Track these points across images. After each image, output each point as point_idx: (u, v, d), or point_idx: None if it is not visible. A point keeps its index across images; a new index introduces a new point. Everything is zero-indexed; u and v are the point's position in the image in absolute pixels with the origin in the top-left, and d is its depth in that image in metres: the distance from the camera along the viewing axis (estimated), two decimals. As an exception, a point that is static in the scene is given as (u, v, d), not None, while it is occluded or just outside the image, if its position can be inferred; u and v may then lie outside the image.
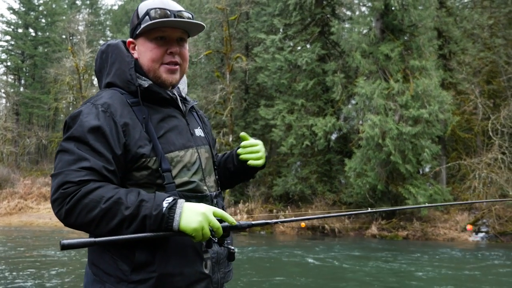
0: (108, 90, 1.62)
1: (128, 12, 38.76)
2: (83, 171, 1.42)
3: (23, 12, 39.02)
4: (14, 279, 8.71)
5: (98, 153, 1.46)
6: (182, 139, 1.64)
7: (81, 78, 31.43)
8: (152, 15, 1.60)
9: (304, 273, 10.00)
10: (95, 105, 1.54)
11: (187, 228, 1.38)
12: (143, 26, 1.61)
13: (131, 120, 1.54)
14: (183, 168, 1.60)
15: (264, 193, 21.81)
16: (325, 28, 21.84)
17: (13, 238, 16.76)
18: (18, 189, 27.98)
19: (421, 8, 18.22)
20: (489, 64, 20.07)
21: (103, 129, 1.48)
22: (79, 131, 1.48)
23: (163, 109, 1.66)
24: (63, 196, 1.40)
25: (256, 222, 1.58)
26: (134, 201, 1.39)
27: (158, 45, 1.63)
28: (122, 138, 1.51)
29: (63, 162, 1.45)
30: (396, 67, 17.81)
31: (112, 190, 1.41)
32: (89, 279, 1.56)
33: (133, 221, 1.38)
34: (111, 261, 1.50)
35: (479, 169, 17.63)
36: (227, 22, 23.41)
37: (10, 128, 35.02)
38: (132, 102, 1.59)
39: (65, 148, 1.47)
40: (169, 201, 1.40)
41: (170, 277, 1.49)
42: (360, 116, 19.53)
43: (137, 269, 1.47)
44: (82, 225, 1.41)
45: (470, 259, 12.44)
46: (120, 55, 1.66)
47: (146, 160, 1.53)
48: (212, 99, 22.92)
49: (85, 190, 1.39)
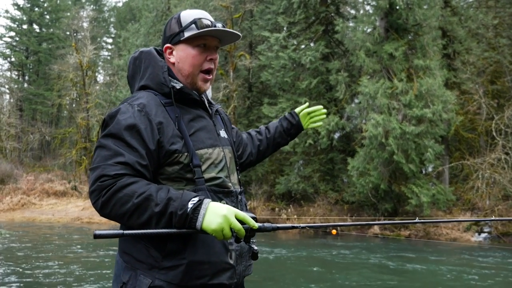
0: (143, 92, 1.76)
1: (132, 9, 38.75)
2: (119, 165, 1.55)
3: (28, 8, 39.12)
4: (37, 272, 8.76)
5: (132, 149, 1.59)
6: (210, 139, 1.79)
7: (85, 75, 31.48)
8: (199, 24, 1.77)
9: (305, 272, 10.01)
10: (131, 105, 1.67)
11: (208, 229, 1.50)
12: (191, 34, 1.76)
13: (165, 119, 1.68)
14: (211, 165, 1.73)
15: (266, 192, 21.82)
16: (329, 26, 21.81)
17: (33, 234, 16.82)
18: (21, 185, 28.08)
19: (426, 7, 18.17)
20: (494, 64, 20.01)
21: (138, 126, 1.61)
22: (116, 129, 1.61)
23: (193, 110, 1.80)
24: (100, 189, 1.53)
25: (282, 225, 1.64)
26: (163, 199, 1.51)
27: (200, 52, 1.79)
28: (156, 135, 1.64)
29: (101, 157, 1.58)
30: (400, 66, 17.77)
31: (144, 186, 1.54)
32: (120, 267, 1.68)
33: (161, 217, 1.51)
34: (143, 249, 1.62)
35: (482, 169, 17.59)
36: (231, 20, 23.39)
37: (13, 124, 35.14)
38: (166, 103, 1.74)
39: (103, 144, 1.61)
40: (194, 201, 1.52)
41: (198, 265, 1.61)
42: (363, 115, 19.50)
43: (169, 256, 1.60)
44: (116, 217, 1.55)
45: (472, 259, 12.42)
46: (154, 60, 1.80)
47: (179, 155, 1.66)
48: (215, 97, 22.91)
49: (120, 184, 1.52)
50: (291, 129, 2.30)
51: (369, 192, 17.55)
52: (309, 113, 2.32)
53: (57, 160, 32.15)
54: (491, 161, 17.59)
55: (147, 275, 1.60)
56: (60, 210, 24.96)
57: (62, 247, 12.99)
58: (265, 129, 2.30)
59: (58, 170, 31.21)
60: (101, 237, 1.45)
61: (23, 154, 35.58)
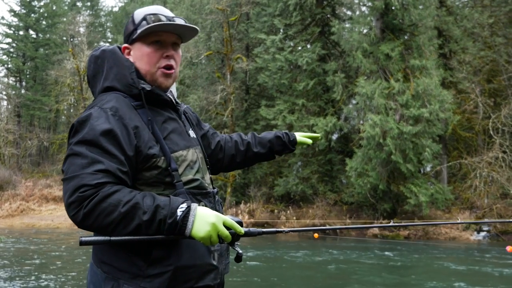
0: (111, 94, 1.66)
1: (128, 13, 38.75)
2: (99, 173, 1.46)
3: (24, 14, 39.07)
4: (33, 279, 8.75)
5: (111, 155, 1.50)
6: (183, 140, 1.73)
7: (82, 80, 31.46)
8: (149, 20, 1.67)
9: (306, 273, 10.02)
10: (103, 109, 1.57)
11: (196, 236, 1.47)
12: (141, 30, 1.67)
13: (139, 123, 1.60)
14: (187, 167, 1.68)
15: (265, 194, 21.82)
16: (326, 28, 21.86)
17: (31, 240, 16.80)
18: (20, 191, 28.02)
19: (421, 7, 18.24)
20: (490, 63, 20.08)
21: (115, 131, 1.52)
22: (91, 135, 1.51)
23: (164, 112, 1.73)
24: (80, 200, 1.43)
25: (267, 230, 1.64)
26: (150, 206, 1.46)
27: (154, 49, 1.70)
28: (133, 140, 1.56)
29: (75, 165, 1.47)
30: (397, 66, 17.83)
31: (129, 194, 1.46)
32: (100, 278, 1.60)
33: (149, 225, 1.45)
34: (126, 258, 1.56)
35: (480, 168, 17.64)
36: (228, 23, 23.43)
37: (11, 130, 35.07)
38: (136, 105, 1.65)
39: (77, 151, 1.50)
40: (183, 208, 1.48)
41: (184, 270, 1.58)
42: (360, 116, 19.56)
43: (154, 264, 1.55)
44: (99, 228, 1.46)
45: (471, 258, 12.44)
46: (119, 59, 1.70)
47: (156, 160, 1.59)
48: (213, 99, 22.95)
49: (103, 194, 1.43)
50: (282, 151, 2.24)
51: (368, 192, 17.58)
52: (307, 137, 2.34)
53: (56, 166, 32.09)
54: (489, 159, 17.64)
55: (131, 285, 1.54)
56: (60, 215, 24.91)
57: (61, 253, 12.98)
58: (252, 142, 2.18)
59: (57, 176, 31.13)
60: (87, 244, 1.41)
61: (22, 160, 35.50)
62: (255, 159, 2.21)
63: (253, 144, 2.18)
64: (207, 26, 24.20)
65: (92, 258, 1.67)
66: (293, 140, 2.25)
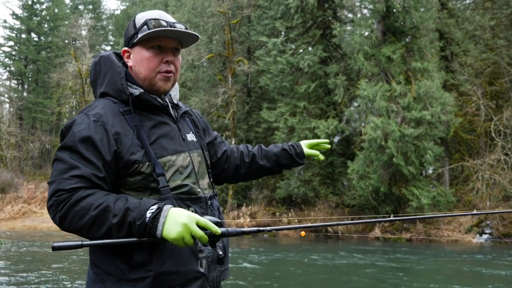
0: (101, 100, 1.71)
1: (130, 16, 38.86)
2: (74, 179, 1.51)
3: (26, 18, 39.22)
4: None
5: (88, 161, 1.54)
6: (174, 145, 1.72)
7: (84, 83, 31.53)
8: (150, 25, 1.68)
9: (306, 277, 10.00)
10: (87, 115, 1.62)
11: (168, 237, 1.46)
12: (142, 35, 1.68)
13: (122, 129, 1.63)
14: (176, 172, 1.67)
15: (267, 196, 21.81)
16: (327, 30, 21.88)
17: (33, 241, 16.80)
18: (21, 194, 28.07)
19: (423, 10, 18.23)
20: (491, 65, 20.04)
21: (93, 138, 1.57)
22: (71, 141, 1.57)
23: (155, 116, 1.73)
24: (56, 203, 1.50)
25: (247, 229, 1.59)
26: (121, 209, 1.47)
27: (154, 54, 1.71)
28: (113, 145, 1.59)
29: (57, 170, 1.55)
30: (398, 69, 17.82)
31: (101, 197, 1.50)
32: (90, 279, 1.64)
33: (120, 228, 1.47)
34: (111, 261, 1.58)
35: (482, 171, 17.60)
36: (229, 26, 23.47)
37: (13, 133, 35.16)
38: (124, 111, 1.67)
39: (59, 157, 1.58)
40: (153, 210, 1.47)
41: (166, 276, 1.56)
42: (362, 119, 19.54)
43: (135, 268, 1.55)
44: (75, 231, 1.52)
45: (474, 260, 12.40)
46: (112, 66, 1.74)
47: (139, 165, 1.60)
48: (214, 102, 22.97)
49: (76, 198, 1.48)
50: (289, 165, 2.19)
51: (370, 195, 17.55)
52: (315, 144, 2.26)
53: (58, 168, 32.09)
54: (491, 162, 17.59)
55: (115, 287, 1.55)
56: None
57: (61, 256, 12.98)
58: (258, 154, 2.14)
59: (59, 178, 31.14)
60: (60, 249, 1.42)
61: (24, 162, 35.58)
62: (260, 172, 2.16)
63: (259, 156, 2.15)
64: (209, 29, 24.24)
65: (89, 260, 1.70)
66: (301, 152, 2.20)
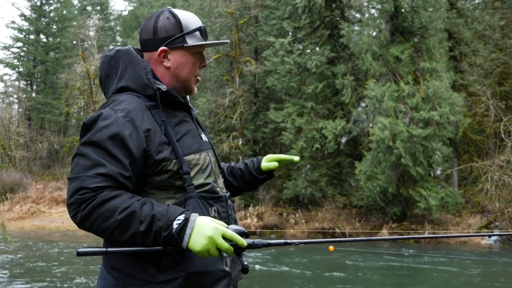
0: (125, 94, 1.64)
1: (138, 17, 39.01)
2: (99, 177, 1.44)
3: (34, 19, 39.46)
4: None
5: (115, 159, 1.48)
6: (196, 143, 1.71)
7: (92, 83, 31.68)
8: (203, 34, 1.73)
9: (313, 278, 9.96)
10: (114, 110, 1.55)
11: (193, 250, 1.44)
12: (197, 43, 1.70)
13: (152, 125, 1.57)
14: (199, 171, 1.65)
15: (274, 196, 21.77)
16: (335, 30, 21.81)
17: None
18: (30, 194, 28.24)
19: (431, 9, 18.11)
20: (501, 65, 19.88)
21: (122, 134, 1.50)
22: (97, 136, 1.49)
23: (178, 113, 1.71)
24: (78, 202, 1.43)
25: (273, 241, 1.59)
26: (147, 215, 1.43)
27: (196, 59, 1.74)
28: (142, 143, 1.53)
29: (79, 166, 1.48)
30: (407, 69, 17.71)
31: (127, 200, 1.44)
32: (109, 284, 1.58)
33: (145, 236, 1.44)
34: (136, 264, 1.54)
35: (491, 172, 17.44)
36: (236, 26, 23.47)
37: (22, 133, 35.40)
38: (150, 105, 1.62)
39: (83, 152, 1.49)
40: (180, 221, 1.44)
41: (196, 276, 1.55)
42: (370, 119, 19.45)
43: (165, 270, 1.52)
44: (96, 232, 1.47)
45: (483, 262, 12.29)
46: (135, 60, 1.69)
47: (167, 163, 1.57)
48: (221, 102, 22.97)
49: (101, 198, 1.42)
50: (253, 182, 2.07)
51: (377, 196, 17.46)
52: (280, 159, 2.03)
53: (66, 168, 32.30)
54: (500, 163, 17.44)
55: None
56: (69, 218, 25.05)
57: (70, 256, 13.04)
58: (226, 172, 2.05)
59: (67, 178, 31.33)
60: (84, 255, 1.40)
61: (32, 163, 35.80)
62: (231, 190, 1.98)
63: (227, 173, 2.05)
64: (216, 30, 24.26)
65: (103, 263, 1.64)
66: (258, 167, 2.02)
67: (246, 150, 22.36)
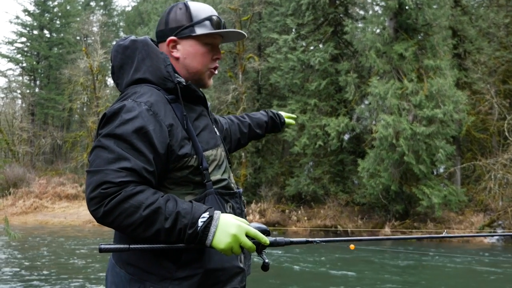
0: (145, 86, 1.59)
1: (141, 13, 38.99)
2: (124, 171, 1.40)
3: (38, 14, 39.52)
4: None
5: (139, 153, 1.44)
6: (213, 138, 1.69)
7: (95, 79, 31.73)
8: (214, 23, 1.67)
9: (315, 276, 9.96)
10: (137, 102, 1.51)
11: (217, 247, 1.44)
12: (206, 32, 1.65)
13: (173, 120, 1.55)
14: (216, 166, 1.64)
15: (276, 193, 21.79)
16: (338, 27, 21.74)
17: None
18: (33, 189, 28.34)
19: (436, 7, 18.03)
20: (505, 63, 19.77)
21: (147, 128, 1.46)
22: (122, 129, 1.45)
23: (196, 108, 1.69)
24: (102, 196, 1.38)
25: (296, 239, 1.58)
26: (172, 212, 1.41)
27: (208, 50, 1.69)
28: (166, 138, 1.50)
29: (101, 159, 1.42)
30: (410, 66, 17.65)
31: (152, 196, 1.41)
32: (124, 279, 1.55)
33: (169, 233, 1.42)
34: (154, 259, 1.52)
35: (494, 170, 17.39)
36: (240, 23, 23.42)
37: (25, 128, 35.51)
38: (170, 99, 1.59)
39: (104, 145, 1.44)
40: (205, 219, 1.42)
41: (214, 272, 1.55)
42: (373, 116, 19.40)
43: (183, 266, 1.51)
44: (118, 228, 1.43)
45: (486, 260, 12.27)
46: (153, 51, 1.64)
47: (188, 159, 1.55)
48: (224, 99, 22.97)
49: (126, 194, 1.38)
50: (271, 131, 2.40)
51: (380, 193, 17.43)
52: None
53: (69, 164, 32.43)
54: (504, 161, 17.38)
55: (157, 287, 1.50)
56: (72, 213, 25.15)
57: (73, 250, 13.09)
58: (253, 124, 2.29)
59: (70, 174, 31.44)
60: (106, 251, 1.40)
61: (35, 158, 35.92)
62: (252, 139, 2.31)
63: (254, 125, 2.28)
64: (220, 26, 24.23)
65: (114, 258, 1.62)
66: (283, 121, 2.43)
67: (249, 146, 22.36)
